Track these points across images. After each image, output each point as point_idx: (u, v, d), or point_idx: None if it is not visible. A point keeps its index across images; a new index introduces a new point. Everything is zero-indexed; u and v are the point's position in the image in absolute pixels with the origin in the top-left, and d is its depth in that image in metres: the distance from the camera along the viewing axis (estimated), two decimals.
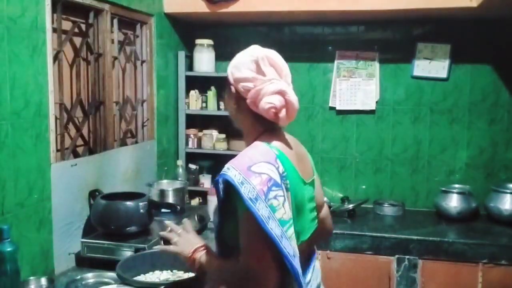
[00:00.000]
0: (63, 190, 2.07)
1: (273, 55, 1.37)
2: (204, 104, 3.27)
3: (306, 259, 1.40)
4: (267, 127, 1.35)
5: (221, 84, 3.24)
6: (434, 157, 3.24)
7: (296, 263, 1.20)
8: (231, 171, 1.21)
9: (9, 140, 1.78)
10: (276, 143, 1.32)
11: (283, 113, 1.31)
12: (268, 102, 1.28)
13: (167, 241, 1.52)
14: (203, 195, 3.23)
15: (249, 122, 1.36)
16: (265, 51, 1.36)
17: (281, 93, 1.29)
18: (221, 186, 1.27)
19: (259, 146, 1.29)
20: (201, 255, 1.37)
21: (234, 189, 1.19)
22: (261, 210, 1.16)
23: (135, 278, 1.73)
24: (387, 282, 2.72)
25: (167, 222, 1.56)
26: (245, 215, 1.18)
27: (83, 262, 2.10)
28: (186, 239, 1.45)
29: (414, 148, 3.26)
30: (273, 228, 1.16)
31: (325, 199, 1.67)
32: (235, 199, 1.22)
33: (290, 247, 1.18)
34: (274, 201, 1.18)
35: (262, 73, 1.32)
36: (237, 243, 1.22)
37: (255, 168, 1.20)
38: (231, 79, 1.36)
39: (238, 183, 1.18)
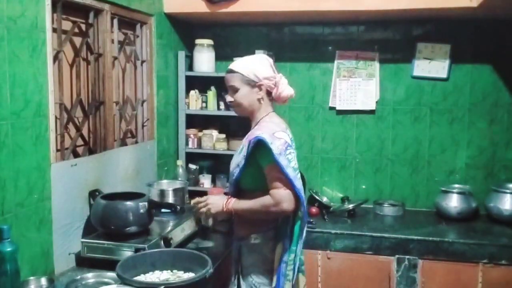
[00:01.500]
0: (63, 190, 2.07)
1: (270, 58, 2.03)
2: (204, 104, 3.27)
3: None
4: (271, 107, 2.02)
5: (221, 84, 3.24)
6: (434, 157, 3.24)
7: (302, 194, 1.87)
8: (264, 135, 1.84)
9: (9, 140, 1.78)
10: (280, 120, 2.01)
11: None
12: (289, 92, 1.98)
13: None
14: (203, 195, 3.21)
15: (264, 107, 1.98)
16: (267, 57, 2.02)
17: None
18: (250, 146, 1.87)
19: (273, 121, 1.95)
20: (233, 203, 1.96)
21: (266, 146, 1.82)
22: (283, 161, 1.82)
23: (135, 278, 1.73)
24: (387, 282, 2.72)
25: (194, 200, 2.16)
26: (271, 164, 1.83)
27: (83, 262, 2.10)
28: (214, 199, 2.02)
29: (414, 148, 3.26)
30: (290, 173, 1.83)
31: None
32: (262, 154, 1.85)
33: (300, 184, 1.88)
34: (289, 155, 1.85)
35: (275, 72, 1.99)
36: (251, 186, 1.94)
37: (277, 134, 1.86)
38: (259, 76, 1.93)
39: (269, 143, 1.82)
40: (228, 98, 2.02)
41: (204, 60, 3.19)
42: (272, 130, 1.88)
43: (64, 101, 2.16)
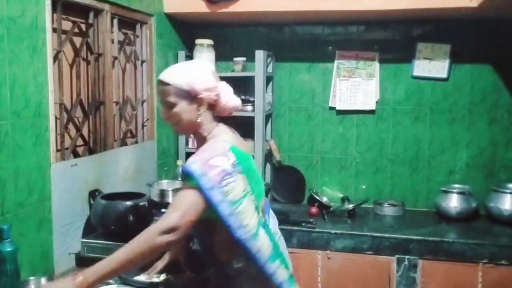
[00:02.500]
0: (63, 190, 2.07)
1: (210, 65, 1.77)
2: None
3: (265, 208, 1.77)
4: (215, 121, 1.71)
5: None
6: (434, 157, 3.24)
7: (241, 232, 1.53)
8: (193, 165, 1.51)
9: (9, 140, 1.78)
10: (226, 137, 1.66)
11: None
12: (235, 103, 1.71)
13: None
14: None
15: (206, 121, 1.67)
16: (206, 64, 1.75)
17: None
18: (183, 176, 1.56)
19: (216, 143, 1.62)
20: (87, 275, 1.43)
21: (195, 178, 1.48)
22: (215, 196, 1.48)
23: (135, 278, 1.73)
24: (387, 282, 2.72)
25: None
26: (193, 188, 1.49)
27: (83, 262, 2.10)
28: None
29: (414, 148, 3.26)
30: (224, 209, 1.50)
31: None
32: (190, 180, 1.50)
33: (237, 221, 1.52)
34: (226, 188, 1.51)
35: (217, 80, 1.69)
36: (206, 216, 1.52)
37: (213, 162, 1.52)
38: (198, 87, 1.61)
39: (199, 175, 1.49)
40: (163, 115, 1.67)
41: (204, 60, 3.18)
42: (208, 156, 1.53)
43: (64, 101, 2.16)
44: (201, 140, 1.69)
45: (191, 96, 1.62)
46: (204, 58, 3.19)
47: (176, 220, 1.45)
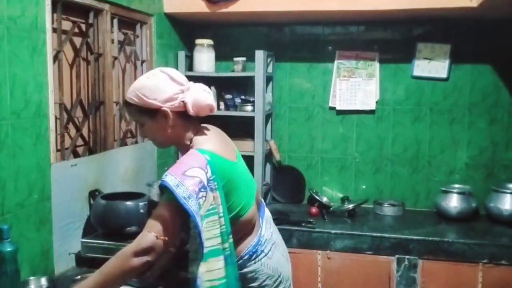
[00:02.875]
0: (63, 190, 2.07)
1: (170, 69, 1.61)
2: None
3: (257, 217, 1.74)
4: (194, 126, 1.62)
5: (221, 84, 3.25)
6: (434, 157, 3.24)
7: (203, 246, 1.45)
8: (168, 177, 1.45)
9: (9, 140, 1.78)
10: (207, 146, 1.55)
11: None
12: (204, 101, 1.56)
13: None
14: None
15: (182, 131, 1.59)
16: (164, 69, 1.59)
17: (205, 90, 1.60)
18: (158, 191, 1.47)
19: (194, 154, 1.52)
20: None
21: (170, 191, 1.42)
22: (192, 206, 1.41)
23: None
24: (387, 282, 2.72)
25: None
26: (168, 204, 1.44)
27: (83, 262, 2.10)
28: None
29: (414, 148, 3.26)
30: (199, 221, 1.43)
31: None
32: (167, 197, 1.45)
33: (203, 234, 1.45)
34: (201, 200, 1.44)
35: (181, 83, 1.56)
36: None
37: (189, 172, 1.45)
38: (156, 103, 1.52)
39: (174, 185, 1.42)
40: (140, 134, 1.70)
41: (204, 60, 3.19)
42: (184, 167, 1.47)
43: (64, 101, 2.16)
44: (185, 150, 1.60)
45: (153, 111, 1.54)
46: (204, 58, 3.19)
47: (150, 240, 1.40)
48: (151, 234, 1.42)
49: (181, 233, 1.54)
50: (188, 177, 1.44)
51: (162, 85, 1.54)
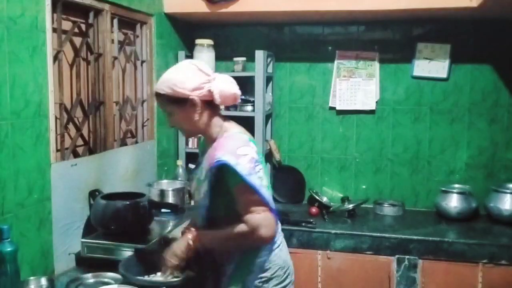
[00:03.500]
0: (63, 190, 2.07)
1: (197, 61, 1.73)
2: None
3: None
4: (221, 115, 1.73)
5: None
6: (434, 157, 3.24)
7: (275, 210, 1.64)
8: (225, 157, 1.55)
9: (9, 140, 1.78)
10: (239, 129, 1.72)
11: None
12: (231, 90, 1.65)
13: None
14: None
15: (209, 119, 1.68)
16: (192, 61, 1.71)
17: (230, 80, 1.69)
18: (213, 172, 1.59)
19: (233, 136, 1.66)
20: (192, 235, 1.66)
21: (230, 169, 1.54)
22: (255, 181, 1.56)
23: (150, 277, 1.72)
24: (387, 282, 2.72)
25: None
26: (240, 185, 1.56)
27: (83, 262, 2.10)
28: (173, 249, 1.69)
29: (414, 148, 3.26)
30: (265, 194, 1.58)
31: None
32: (228, 178, 1.57)
33: (273, 202, 1.64)
34: (260, 173, 1.59)
35: (207, 74, 1.64)
36: (227, 213, 1.63)
37: (239, 151, 1.57)
38: (185, 90, 1.61)
39: (234, 164, 1.54)
40: (168, 124, 1.75)
41: (204, 60, 3.18)
42: (233, 147, 1.59)
43: (64, 101, 2.16)
44: (212, 139, 1.69)
45: (182, 100, 1.62)
46: (204, 58, 3.19)
47: (256, 219, 1.58)
48: (249, 215, 1.58)
49: None
50: (240, 156, 1.57)
51: (190, 75, 1.62)
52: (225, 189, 1.62)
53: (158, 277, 1.78)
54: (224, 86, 1.64)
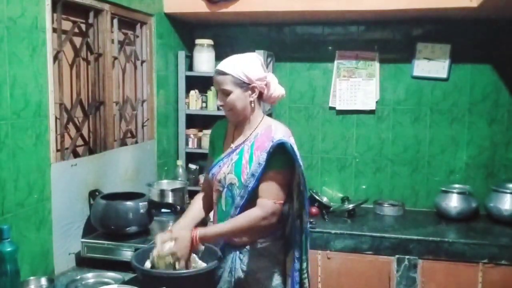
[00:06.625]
0: (63, 190, 2.07)
1: (260, 57, 1.88)
2: (204, 104, 3.27)
3: None
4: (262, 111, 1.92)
5: None
6: (434, 157, 3.24)
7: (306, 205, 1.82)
8: (285, 139, 1.73)
9: (9, 140, 1.78)
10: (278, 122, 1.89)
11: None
12: (280, 92, 1.87)
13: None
14: None
15: (257, 110, 1.86)
16: (258, 56, 1.86)
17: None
18: (269, 151, 1.72)
19: (283, 126, 1.85)
20: (201, 232, 1.70)
21: (288, 150, 1.73)
22: (302, 163, 1.76)
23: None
24: (387, 282, 2.72)
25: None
26: (282, 170, 1.75)
27: (83, 262, 2.10)
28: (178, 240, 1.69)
29: (414, 148, 3.26)
30: (305, 182, 1.79)
31: None
32: (279, 158, 1.73)
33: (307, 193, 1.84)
34: (300, 161, 1.77)
35: (266, 70, 1.86)
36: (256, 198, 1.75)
37: (291, 140, 1.77)
38: (252, 77, 1.77)
39: (292, 144, 1.74)
40: (219, 102, 1.84)
41: (204, 60, 3.19)
42: (288, 133, 1.79)
43: (64, 101, 2.16)
44: (253, 127, 1.84)
45: (246, 85, 1.78)
46: (204, 58, 3.20)
47: (271, 206, 1.72)
48: (271, 201, 1.72)
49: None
50: (293, 142, 1.76)
51: (258, 66, 1.80)
52: (268, 169, 1.75)
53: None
54: (277, 85, 1.86)
